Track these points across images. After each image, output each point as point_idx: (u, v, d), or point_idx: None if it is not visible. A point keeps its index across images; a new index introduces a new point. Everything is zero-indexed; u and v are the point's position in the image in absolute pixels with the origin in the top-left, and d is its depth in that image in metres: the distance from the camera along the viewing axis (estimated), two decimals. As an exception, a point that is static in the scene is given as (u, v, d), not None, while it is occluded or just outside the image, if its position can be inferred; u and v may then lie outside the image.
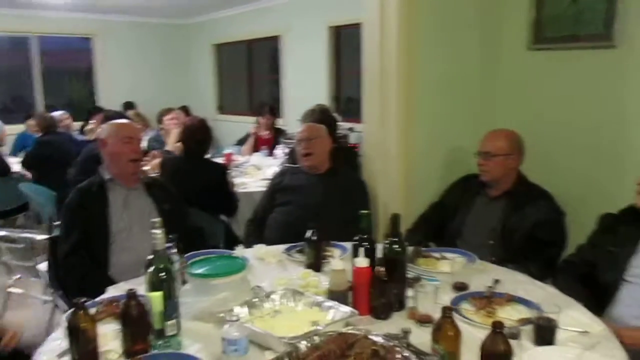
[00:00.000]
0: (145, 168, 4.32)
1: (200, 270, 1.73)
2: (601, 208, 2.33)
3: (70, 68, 8.85)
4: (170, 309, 1.51)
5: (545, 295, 1.87)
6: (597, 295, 2.08)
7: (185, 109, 7.16)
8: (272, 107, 5.87)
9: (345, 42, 6.23)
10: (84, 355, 1.45)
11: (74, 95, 8.77)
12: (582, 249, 2.27)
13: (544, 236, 2.47)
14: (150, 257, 1.54)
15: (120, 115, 4.55)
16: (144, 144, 5.44)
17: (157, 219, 1.64)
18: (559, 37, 2.92)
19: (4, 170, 5.08)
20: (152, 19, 8.52)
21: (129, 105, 7.40)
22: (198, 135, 3.60)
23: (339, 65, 6.34)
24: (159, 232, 1.51)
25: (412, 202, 2.94)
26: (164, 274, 1.50)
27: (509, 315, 1.71)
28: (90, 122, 6.16)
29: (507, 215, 2.55)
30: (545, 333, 1.52)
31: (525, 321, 1.63)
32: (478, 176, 2.67)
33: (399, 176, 2.91)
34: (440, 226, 2.77)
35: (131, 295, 1.49)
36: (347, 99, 6.40)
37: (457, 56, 3.04)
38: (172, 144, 5.11)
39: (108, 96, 8.29)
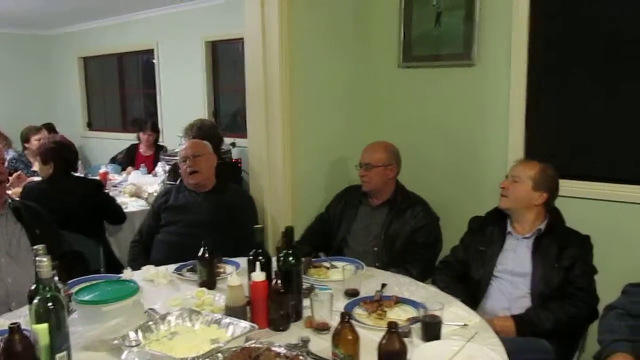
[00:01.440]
0: (9, 192, 4.01)
1: (89, 297, 1.65)
2: (471, 210, 2.57)
3: None
4: (60, 340, 1.42)
5: (427, 295, 2.03)
6: (472, 291, 2.29)
7: (49, 127, 6.65)
8: (154, 123, 5.68)
9: (223, 56, 6.21)
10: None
11: None
12: (456, 249, 2.48)
13: (421, 240, 2.66)
14: (34, 286, 1.45)
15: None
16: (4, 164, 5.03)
17: (40, 246, 1.54)
18: (425, 56, 3.17)
19: None
20: (11, 30, 7.85)
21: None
22: (64, 154, 3.39)
23: (217, 79, 6.30)
24: (44, 259, 1.42)
25: (299, 214, 3.01)
26: (51, 303, 1.41)
27: (398, 315, 1.83)
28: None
29: (388, 222, 2.71)
30: (431, 329, 1.66)
31: (413, 320, 1.76)
32: (360, 187, 2.81)
33: (285, 190, 2.96)
34: (327, 237, 2.87)
35: (14, 329, 1.38)
36: (230, 114, 6.37)
37: (337, 73, 3.18)
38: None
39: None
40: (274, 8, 2.79)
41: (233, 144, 4.98)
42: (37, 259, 1.42)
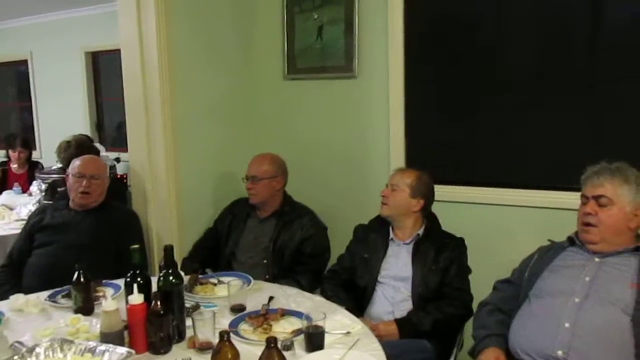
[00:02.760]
0: None
1: (-60, 336, 1.49)
2: (356, 218, 2.64)
3: None
4: None
5: (313, 305, 2.05)
6: (358, 298, 2.35)
7: None
8: (24, 140, 5.27)
9: (106, 67, 5.94)
10: None
11: None
12: (342, 258, 2.54)
13: (309, 250, 2.68)
14: None
15: None
16: None
17: None
18: (309, 68, 3.23)
19: None
20: None
21: None
22: None
23: (99, 91, 6.01)
24: None
25: (186, 230, 2.92)
26: None
27: (284, 328, 1.83)
28: None
29: (276, 234, 2.71)
30: (314, 339, 1.67)
31: (297, 331, 1.76)
32: (247, 199, 2.79)
33: (170, 205, 2.86)
34: (215, 252, 2.82)
35: None
36: (118, 123, 6.06)
37: (220, 85, 3.13)
38: None
39: None
40: (150, 17, 2.70)
41: (117, 159, 4.75)
42: None
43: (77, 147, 3.64)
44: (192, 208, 2.97)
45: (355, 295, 2.38)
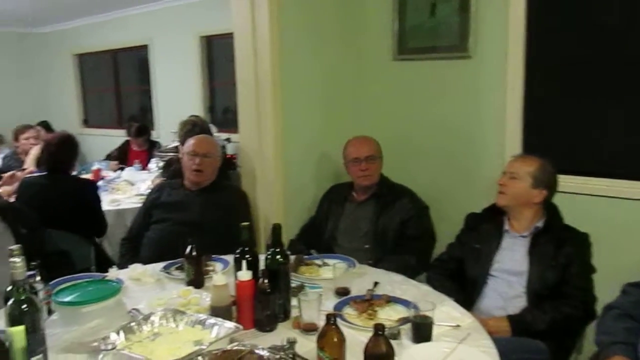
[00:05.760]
0: (1, 190, 3.95)
1: (68, 298, 1.59)
2: (465, 204, 2.52)
3: None
4: (35, 343, 1.37)
5: (419, 293, 1.97)
6: (467, 290, 2.23)
7: (45, 125, 6.63)
8: (139, 128, 5.58)
9: (218, 51, 6.15)
10: None
11: None
12: (451, 246, 2.42)
13: (412, 232, 2.60)
14: (9, 288, 1.39)
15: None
16: (-1, 162, 4.98)
17: (16, 246, 1.48)
18: (421, 48, 3.10)
19: None
20: (1, 28, 7.79)
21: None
22: (62, 151, 3.33)
23: (212, 75, 6.24)
24: (18, 260, 1.36)
25: (290, 210, 2.96)
26: (25, 305, 1.36)
27: (389, 315, 1.77)
28: None
29: (376, 216, 2.65)
30: (422, 330, 1.60)
31: (403, 320, 1.70)
32: (343, 184, 2.79)
33: (277, 185, 2.90)
34: (319, 235, 2.82)
35: (-14, 332, 1.33)
36: (224, 109, 6.31)
37: (327, 66, 3.11)
38: (32, 162, 4.71)
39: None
40: (263, 1, 2.73)
41: (228, 140, 4.91)
42: (11, 260, 1.36)
43: (194, 126, 3.80)
44: (295, 189, 3.00)
45: (463, 287, 2.27)
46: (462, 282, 2.29)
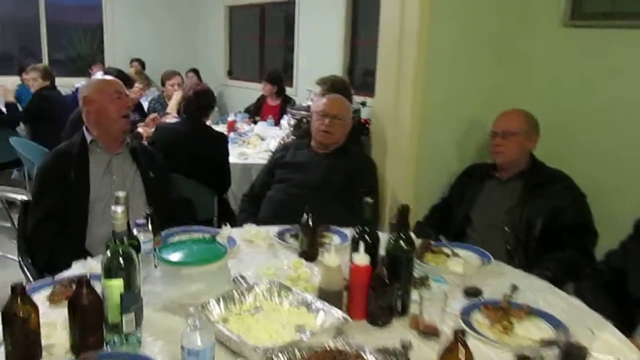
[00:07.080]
0: (141, 130, 4.12)
1: (170, 257, 1.49)
2: (631, 204, 2.09)
3: (79, 23, 8.56)
4: (128, 300, 1.27)
5: (568, 309, 1.63)
6: (627, 311, 1.82)
7: (195, 72, 6.94)
8: (270, 75, 5.54)
9: (363, 12, 5.89)
10: (20, 349, 1.22)
11: (80, 51, 8.48)
12: (612, 254, 2.00)
13: (569, 221, 2.24)
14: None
15: (121, 73, 4.24)
16: (144, 104, 5.23)
17: (122, 193, 1.40)
18: (600, 13, 2.60)
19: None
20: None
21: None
22: (200, 101, 3.34)
23: (355, 35, 6.00)
24: (119, 210, 1.26)
25: (422, 186, 2.68)
26: (122, 260, 1.26)
27: (528, 332, 1.46)
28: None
29: (523, 198, 2.33)
30: (573, 362, 1.27)
31: (547, 343, 1.38)
32: (482, 164, 2.52)
33: (410, 159, 2.63)
34: (450, 220, 2.52)
35: (82, 282, 1.25)
36: (364, 71, 6.07)
37: (480, 30, 2.72)
38: (173, 108, 4.88)
39: (114, 54, 8.01)
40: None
41: (363, 103, 4.68)
42: (112, 208, 1.26)
43: (332, 85, 3.61)
44: (430, 163, 2.70)
45: (620, 305, 1.86)
46: (621, 299, 1.88)
